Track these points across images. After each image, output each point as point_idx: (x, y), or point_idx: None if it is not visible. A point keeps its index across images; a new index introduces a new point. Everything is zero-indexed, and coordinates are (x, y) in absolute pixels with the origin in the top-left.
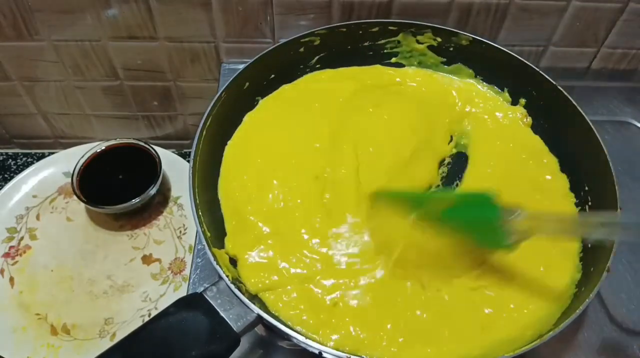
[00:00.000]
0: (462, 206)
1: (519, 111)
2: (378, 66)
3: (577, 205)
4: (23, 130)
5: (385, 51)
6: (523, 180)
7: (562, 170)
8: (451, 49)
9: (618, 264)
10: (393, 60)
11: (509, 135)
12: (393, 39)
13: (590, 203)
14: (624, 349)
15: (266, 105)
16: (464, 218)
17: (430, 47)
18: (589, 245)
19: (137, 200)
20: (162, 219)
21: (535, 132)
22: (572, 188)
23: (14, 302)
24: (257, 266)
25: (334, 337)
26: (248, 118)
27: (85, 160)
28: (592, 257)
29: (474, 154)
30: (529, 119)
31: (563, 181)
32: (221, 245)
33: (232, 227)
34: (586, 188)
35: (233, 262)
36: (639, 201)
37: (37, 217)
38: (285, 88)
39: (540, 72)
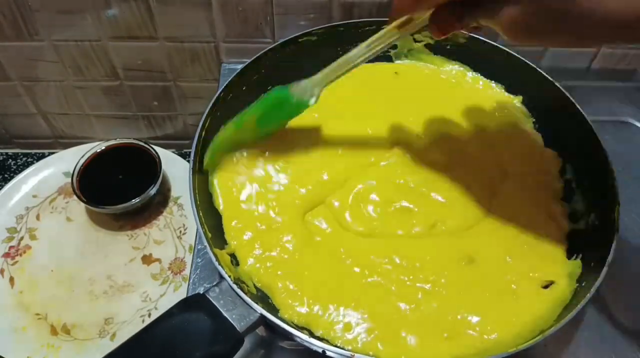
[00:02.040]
0: (267, 110)
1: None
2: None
3: None
4: (23, 130)
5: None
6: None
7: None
8: (448, 47)
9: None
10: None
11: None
12: None
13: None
14: (624, 349)
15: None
16: (275, 117)
17: (427, 46)
18: (589, 246)
19: (137, 200)
20: (162, 219)
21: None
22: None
23: (14, 302)
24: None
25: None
26: None
27: (85, 160)
28: (592, 252)
29: None
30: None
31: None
32: (222, 245)
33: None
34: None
35: (234, 262)
36: (639, 201)
37: (37, 217)
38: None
39: (539, 70)
